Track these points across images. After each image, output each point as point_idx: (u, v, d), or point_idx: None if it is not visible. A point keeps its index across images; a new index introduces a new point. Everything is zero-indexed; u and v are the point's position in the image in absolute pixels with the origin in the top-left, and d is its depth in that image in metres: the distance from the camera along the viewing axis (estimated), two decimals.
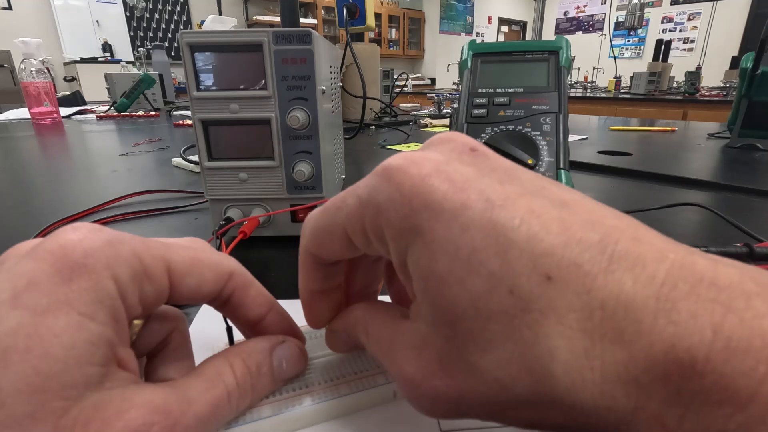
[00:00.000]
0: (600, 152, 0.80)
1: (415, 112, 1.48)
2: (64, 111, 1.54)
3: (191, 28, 4.48)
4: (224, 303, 0.18)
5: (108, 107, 1.63)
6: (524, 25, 7.44)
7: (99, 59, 4.06)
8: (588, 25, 6.29)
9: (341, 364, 0.20)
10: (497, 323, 0.11)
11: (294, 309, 0.26)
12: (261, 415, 0.17)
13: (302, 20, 4.68)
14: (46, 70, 1.31)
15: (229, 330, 0.22)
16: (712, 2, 5.02)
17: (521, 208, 0.12)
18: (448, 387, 0.12)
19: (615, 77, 3.22)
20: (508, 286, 0.11)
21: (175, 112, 1.57)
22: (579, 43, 5.91)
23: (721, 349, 0.09)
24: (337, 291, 0.19)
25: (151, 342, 0.17)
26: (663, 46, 2.79)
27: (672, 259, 0.11)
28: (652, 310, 0.10)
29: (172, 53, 4.25)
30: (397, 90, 1.65)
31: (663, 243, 0.11)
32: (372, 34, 5.46)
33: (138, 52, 2.68)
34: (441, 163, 0.13)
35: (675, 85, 3.17)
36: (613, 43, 2.93)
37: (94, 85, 3.70)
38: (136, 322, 0.16)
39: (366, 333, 0.17)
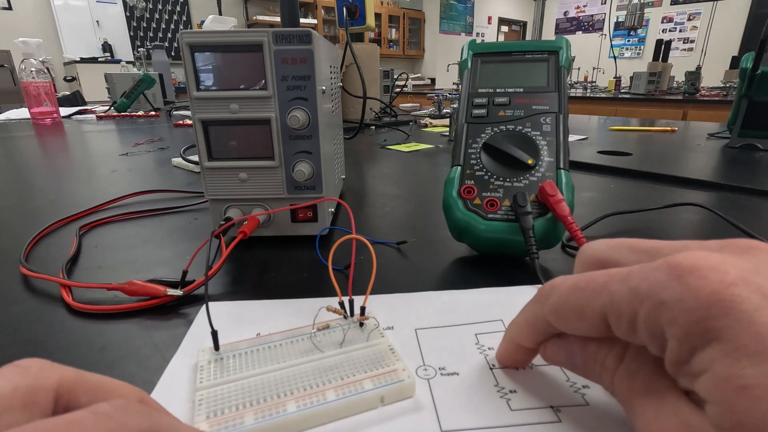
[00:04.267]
0: (600, 152, 0.80)
1: (415, 112, 1.48)
2: (64, 111, 1.54)
3: (191, 28, 4.48)
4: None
5: (108, 107, 1.63)
6: (524, 25, 7.44)
7: (99, 59, 4.07)
8: (588, 25, 6.29)
9: (327, 369, 0.20)
10: None
11: (291, 309, 0.27)
12: (244, 422, 0.17)
13: (302, 20, 4.67)
14: (46, 70, 1.31)
15: (214, 334, 0.22)
16: (712, 2, 5.03)
17: None
18: None
19: (615, 77, 3.23)
20: None
21: (175, 112, 1.57)
22: (579, 43, 5.92)
23: None
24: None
25: None
26: (663, 46, 2.79)
27: None
28: None
29: (172, 53, 4.25)
30: (397, 90, 1.64)
31: None
32: (372, 34, 5.45)
33: (138, 52, 2.68)
34: (749, 272, 0.13)
35: (675, 85, 3.18)
36: (613, 43, 2.93)
37: (94, 85, 3.71)
38: None
39: (611, 373, 0.16)
